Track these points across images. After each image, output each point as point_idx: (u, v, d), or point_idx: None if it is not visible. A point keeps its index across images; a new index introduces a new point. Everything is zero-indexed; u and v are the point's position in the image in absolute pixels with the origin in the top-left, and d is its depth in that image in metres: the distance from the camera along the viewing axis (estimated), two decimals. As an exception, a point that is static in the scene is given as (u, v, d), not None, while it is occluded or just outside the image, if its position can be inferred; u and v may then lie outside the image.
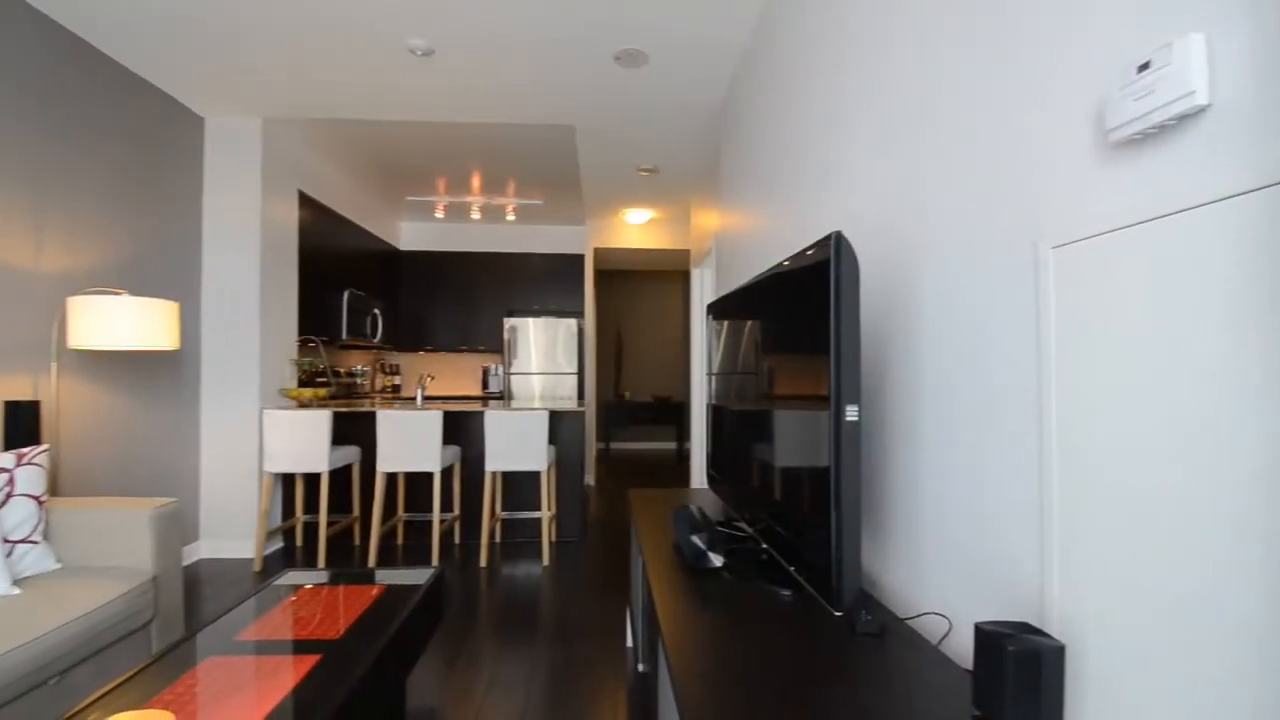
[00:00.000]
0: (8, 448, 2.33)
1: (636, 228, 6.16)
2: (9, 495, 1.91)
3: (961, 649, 1.08)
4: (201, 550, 3.63)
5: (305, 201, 4.24)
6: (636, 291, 8.32)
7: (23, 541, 1.92)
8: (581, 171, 4.61)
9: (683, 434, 7.63)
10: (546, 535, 3.57)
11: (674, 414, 7.56)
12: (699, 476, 4.88)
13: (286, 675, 1.43)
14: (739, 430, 1.75)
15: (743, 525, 1.84)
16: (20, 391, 2.47)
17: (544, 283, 6.24)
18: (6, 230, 2.42)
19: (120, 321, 2.47)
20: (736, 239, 3.05)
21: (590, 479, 5.93)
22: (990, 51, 1.02)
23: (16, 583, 1.84)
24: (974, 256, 1.05)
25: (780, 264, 1.39)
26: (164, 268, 3.33)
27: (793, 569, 1.31)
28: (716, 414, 2.05)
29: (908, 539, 1.29)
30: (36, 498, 1.97)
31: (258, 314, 3.69)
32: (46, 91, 2.60)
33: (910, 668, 1.00)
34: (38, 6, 2.52)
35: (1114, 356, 0.75)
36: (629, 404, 7.60)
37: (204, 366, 3.65)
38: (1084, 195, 0.81)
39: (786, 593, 1.34)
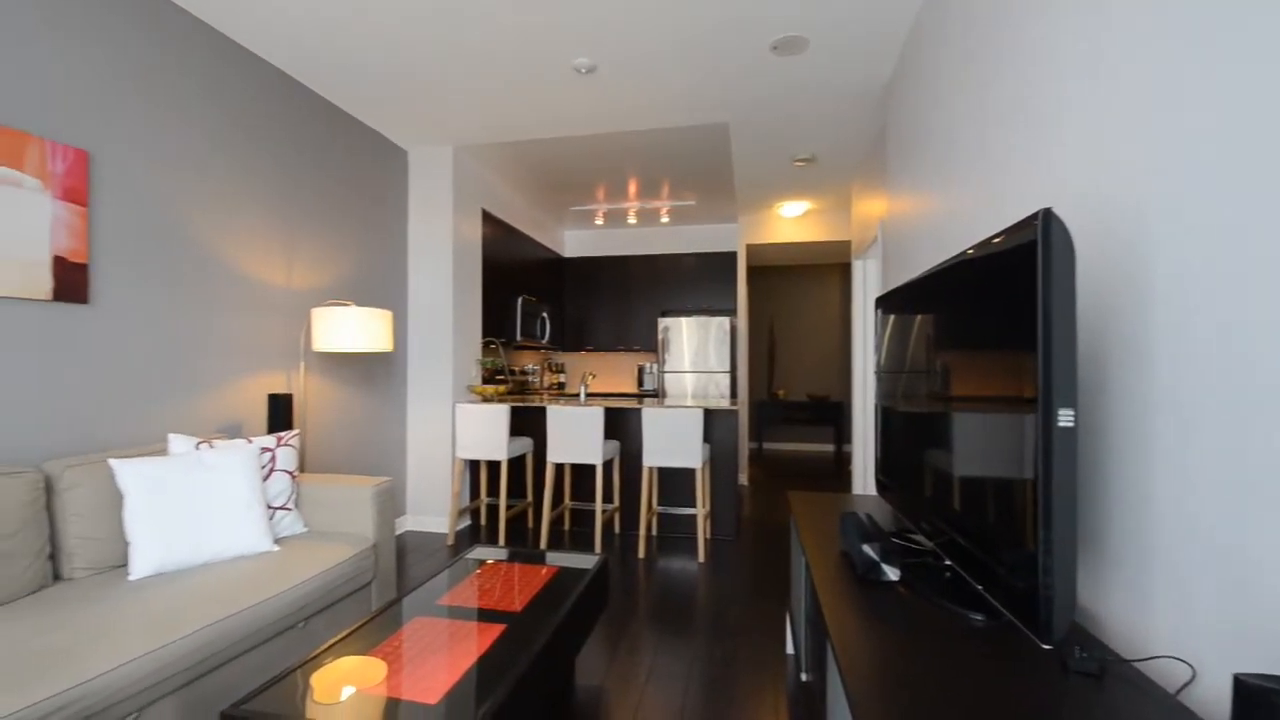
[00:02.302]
0: (269, 431, 2.90)
1: (791, 221, 5.96)
2: (272, 470, 2.37)
3: (1209, 703, 0.89)
4: (407, 523, 4.22)
5: (487, 218, 4.72)
6: (790, 287, 8.05)
7: (280, 508, 2.36)
8: (735, 167, 4.57)
9: (842, 436, 7.24)
10: (701, 532, 3.60)
11: (832, 414, 7.19)
12: (862, 481, 4.59)
13: (478, 641, 1.60)
14: (917, 434, 1.61)
15: (919, 537, 1.69)
16: (278, 386, 3.06)
17: (697, 282, 6.29)
18: (269, 257, 3.01)
19: (350, 328, 2.95)
20: (908, 225, 2.82)
21: (744, 479, 5.87)
22: (1259, -25, 0.82)
23: (277, 541, 2.27)
24: (1232, 231, 0.86)
25: (969, 250, 1.26)
26: (380, 281, 3.92)
27: (984, 590, 1.18)
28: (886, 415, 1.91)
29: (1132, 565, 1.09)
30: (290, 473, 2.42)
31: (450, 319, 4.18)
32: (293, 141, 3.18)
33: (1140, 719, 0.85)
34: (288, 71, 3.10)
35: None
36: (783, 403, 7.37)
37: (409, 365, 4.23)
38: None
39: (978, 617, 1.20)
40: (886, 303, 1.89)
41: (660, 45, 2.82)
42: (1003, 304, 1.09)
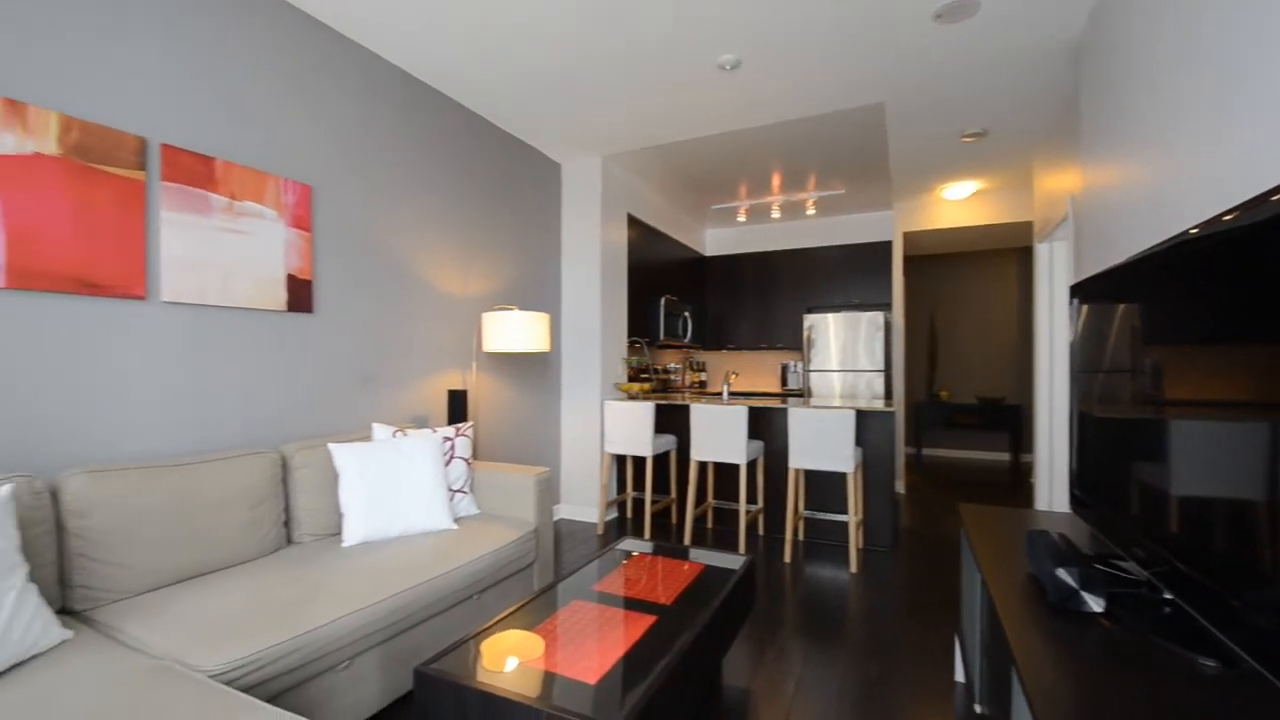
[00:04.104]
0: (449, 423, 3.24)
1: (957, 204, 5.41)
2: (451, 457, 2.65)
3: None
4: (561, 511, 4.50)
5: (632, 222, 4.88)
6: (955, 277, 7.31)
7: (458, 491, 2.64)
8: (890, 151, 4.25)
9: (1020, 443, 6.43)
10: (853, 541, 3.40)
11: (1008, 419, 6.43)
12: (1048, 496, 4.04)
13: (631, 629, 1.66)
14: (1129, 444, 1.38)
15: (1127, 565, 1.45)
16: (455, 383, 3.42)
17: (845, 276, 5.96)
18: (448, 269, 3.38)
19: (514, 330, 3.21)
20: (1110, 198, 2.43)
21: (900, 486, 5.45)
22: None
23: (455, 521, 2.54)
24: None
25: (1195, 227, 1.05)
26: (538, 286, 4.22)
27: (1220, 631, 0.98)
28: (1085, 422, 1.66)
29: None
30: (466, 460, 2.69)
31: (599, 321, 4.39)
32: (468, 164, 3.54)
33: None
34: (463, 102, 3.45)
35: None
36: (946, 405, 6.73)
37: (563, 364, 4.50)
38: None
39: (1209, 662, 1.01)
40: (1087, 290, 1.64)
41: (807, 31, 2.71)
42: (1260, 288, 0.89)
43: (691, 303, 6.13)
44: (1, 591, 1.31)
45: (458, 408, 3.18)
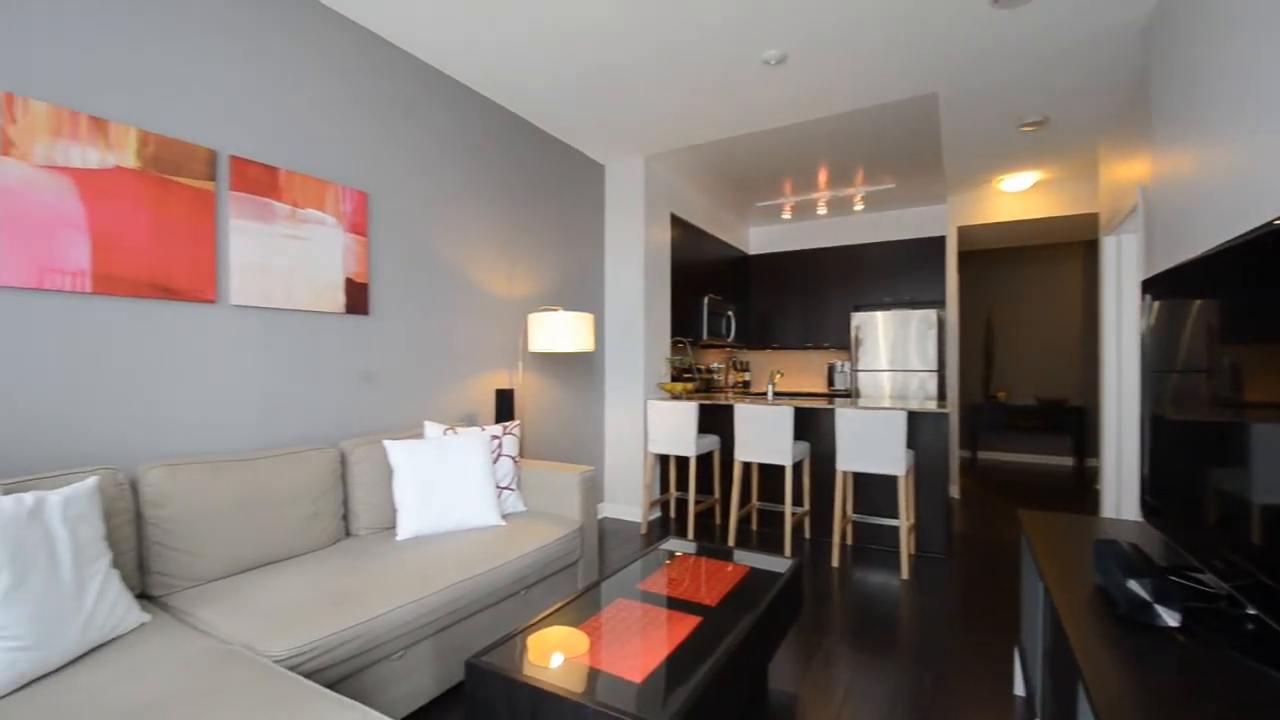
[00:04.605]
0: (496, 421, 3.31)
1: (1015, 196, 5.18)
2: (499, 455, 2.70)
3: None
4: (605, 510, 4.53)
5: (675, 222, 4.87)
6: (1013, 273, 6.99)
7: (506, 488, 2.69)
8: (944, 143, 4.11)
9: (1084, 447, 6.11)
10: (905, 546, 3.30)
11: (1070, 421, 6.12)
12: (1115, 503, 3.83)
13: (675, 629, 1.66)
14: (1211, 449, 1.30)
15: (1204, 577, 1.36)
16: (502, 382, 3.49)
17: (894, 273, 5.79)
18: (495, 271, 3.45)
19: (559, 330, 3.26)
20: (1185, 187, 2.28)
21: (954, 491, 5.26)
22: None
23: (503, 517, 2.59)
24: None
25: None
26: (582, 287, 4.27)
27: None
28: (1158, 425, 1.56)
29: None
30: (513, 458, 2.75)
31: (642, 320, 4.40)
32: (514, 169, 3.60)
33: None
34: (510, 108, 3.51)
35: None
36: (1004, 407, 6.45)
37: (606, 364, 4.54)
38: None
39: (1303, 687, 0.93)
40: (1160, 285, 1.55)
41: (855, 22, 2.65)
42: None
43: (735, 302, 6.08)
44: (89, 577, 1.41)
45: (505, 406, 3.24)
